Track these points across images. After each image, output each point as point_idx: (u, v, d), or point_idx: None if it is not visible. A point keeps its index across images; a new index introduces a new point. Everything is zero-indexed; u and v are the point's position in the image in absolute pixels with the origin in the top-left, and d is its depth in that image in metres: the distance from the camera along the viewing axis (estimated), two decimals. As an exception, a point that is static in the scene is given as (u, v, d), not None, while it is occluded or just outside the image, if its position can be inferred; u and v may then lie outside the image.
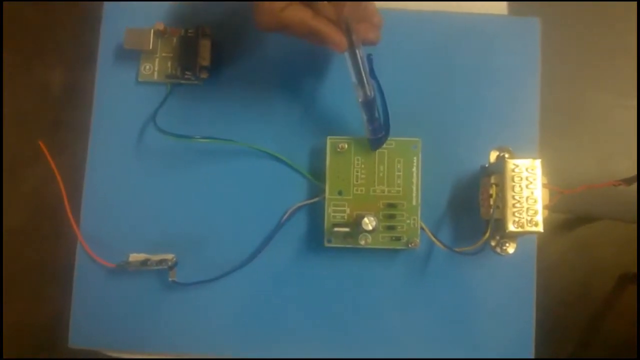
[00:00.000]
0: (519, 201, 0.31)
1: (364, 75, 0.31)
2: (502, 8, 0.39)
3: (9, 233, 0.98)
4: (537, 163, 0.31)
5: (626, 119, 0.59)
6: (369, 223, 0.32)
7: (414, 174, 0.34)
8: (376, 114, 0.33)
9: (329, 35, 0.30)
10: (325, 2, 0.30)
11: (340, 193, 0.34)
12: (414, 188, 0.34)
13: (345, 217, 0.34)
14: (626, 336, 0.88)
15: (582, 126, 0.61)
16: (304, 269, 0.35)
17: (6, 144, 1.00)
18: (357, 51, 0.31)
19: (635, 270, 0.89)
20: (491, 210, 0.32)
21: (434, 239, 0.33)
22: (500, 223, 0.32)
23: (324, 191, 0.34)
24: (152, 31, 0.36)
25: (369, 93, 0.32)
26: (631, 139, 0.58)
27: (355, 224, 0.33)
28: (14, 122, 1.02)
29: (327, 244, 0.34)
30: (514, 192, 0.31)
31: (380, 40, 0.33)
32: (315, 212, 0.35)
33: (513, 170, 0.31)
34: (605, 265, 0.93)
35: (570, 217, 0.89)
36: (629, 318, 0.88)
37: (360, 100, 0.32)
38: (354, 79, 0.31)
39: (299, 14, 0.29)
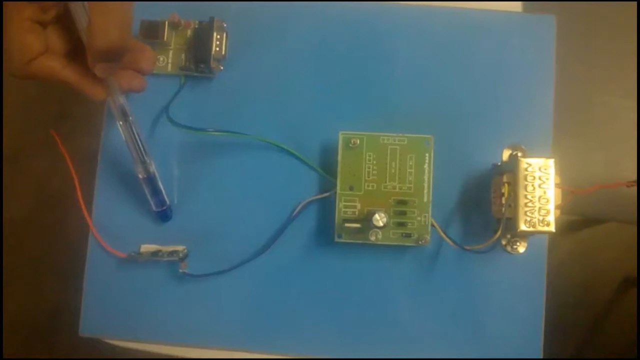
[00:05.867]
0: (531, 200, 0.31)
1: (142, 152, 0.33)
2: (516, 7, 0.39)
3: (11, 224, 0.99)
4: (551, 162, 0.31)
5: (635, 121, 0.59)
6: (379, 219, 0.32)
7: (426, 171, 0.34)
8: (159, 187, 0.34)
9: (81, 87, 0.30)
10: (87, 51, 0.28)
11: (351, 188, 0.34)
12: (426, 185, 0.34)
13: (356, 213, 0.34)
14: (628, 338, 0.88)
15: (590, 128, 0.61)
16: (314, 264, 0.35)
17: (10, 135, 1.00)
18: (132, 128, 0.32)
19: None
20: (503, 208, 0.32)
21: (444, 236, 0.33)
22: (512, 222, 0.32)
23: (335, 186, 0.34)
24: (166, 23, 0.36)
25: (150, 170, 0.33)
26: None
27: (366, 220, 0.33)
28: (18, 114, 1.02)
29: (337, 240, 0.34)
30: (527, 191, 0.31)
31: (145, 88, 0.34)
32: (326, 207, 0.35)
33: (526, 169, 0.31)
34: (608, 267, 0.93)
35: (574, 218, 0.89)
36: (631, 321, 0.88)
37: (140, 177, 0.33)
38: (133, 156, 0.33)
39: (49, 64, 0.29)
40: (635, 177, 0.34)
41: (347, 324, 0.35)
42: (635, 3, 0.60)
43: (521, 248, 0.34)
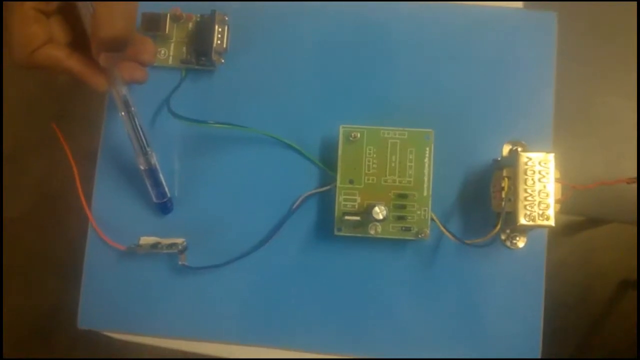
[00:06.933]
0: (531, 194, 0.31)
1: (144, 143, 0.33)
2: (516, 6, 0.39)
3: (11, 223, 0.99)
4: (551, 157, 0.31)
5: (635, 121, 0.59)
6: (379, 212, 0.32)
7: (426, 165, 0.34)
8: (160, 179, 0.34)
9: (85, 77, 0.30)
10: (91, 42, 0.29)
11: (351, 182, 0.34)
12: (426, 179, 0.34)
13: (356, 206, 0.34)
14: (628, 339, 0.88)
15: (591, 127, 0.61)
16: (314, 257, 0.35)
17: (10, 134, 1.00)
18: (135, 120, 0.32)
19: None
20: (502, 203, 0.32)
21: (444, 230, 0.33)
22: (512, 216, 0.32)
23: (335, 180, 0.34)
24: (168, 15, 0.36)
25: (151, 161, 0.33)
26: (640, 141, 0.58)
27: (366, 213, 0.33)
28: (17, 112, 1.02)
29: (337, 233, 0.34)
30: (526, 185, 0.31)
31: (147, 79, 0.34)
32: (326, 201, 0.35)
33: (526, 164, 0.31)
34: (608, 269, 0.93)
35: (574, 219, 0.89)
36: (630, 322, 0.88)
37: (142, 168, 0.33)
38: (134, 147, 0.33)
39: (53, 53, 0.29)
40: (635, 175, 0.34)
41: (346, 317, 0.35)
42: (635, 3, 0.61)
43: (520, 243, 0.34)
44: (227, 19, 0.36)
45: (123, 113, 0.32)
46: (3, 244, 0.97)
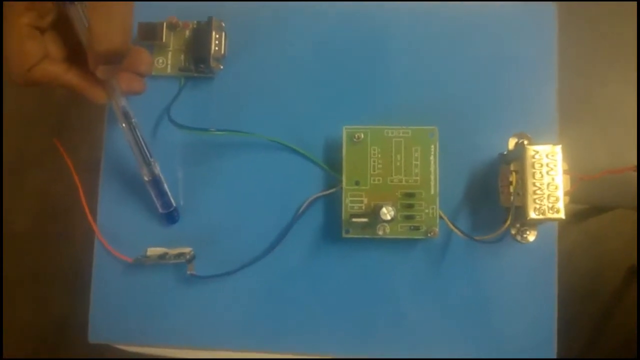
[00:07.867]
0: (539, 188, 0.31)
1: (147, 153, 0.33)
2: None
3: (13, 235, 0.98)
4: (558, 149, 0.31)
5: (636, 111, 0.59)
6: (387, 213, 0.32)
7: (432, 163, 0.33)
8: (165, 189, 0.34)
9: (83, 90, 0.30)
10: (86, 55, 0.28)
11: (357, 183, 0.34)
12: (432, 177, 0.33)
13: (363, 208, 0.34)
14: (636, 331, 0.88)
15: (594, 118, 0.60)
16: (322, 261, 0.35)
17: (10, 146, 1.00)
18: (137, 131, 0.32)
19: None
20: (511, 197, 0.32)
21: (453, 227, 0.33)
22: (521, 210, 0.31)
23: (340, 182, 0.34)
24: (164, 24, 0.36)
25: (155, 172, 0.33)
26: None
27: (373, 214, 0.32)
28: (17, 124, 1.02)
29: (345, 235, 0.33)
30: (535, 178, 0.31)
31: (145, 90, 0.34)
32: (332, 203, 0.35)
33: (533, 157, 0.31)
34: (616, 257, 0.93)
35: (580, 207, 0.89)
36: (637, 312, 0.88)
37: (146, 179, 0.33)
38: (137, 158, 0.33)
39: (51, 69, 0.29)
40: (640, 165, 0.33)
41: (357, 320, 0.35)
42: (635, 3, 0.60)
43: (531, 237, 0.34)
44: (223, 24, 0.36)
45: (124, 125, 0.32)
46: (3, 257, 0.97)
